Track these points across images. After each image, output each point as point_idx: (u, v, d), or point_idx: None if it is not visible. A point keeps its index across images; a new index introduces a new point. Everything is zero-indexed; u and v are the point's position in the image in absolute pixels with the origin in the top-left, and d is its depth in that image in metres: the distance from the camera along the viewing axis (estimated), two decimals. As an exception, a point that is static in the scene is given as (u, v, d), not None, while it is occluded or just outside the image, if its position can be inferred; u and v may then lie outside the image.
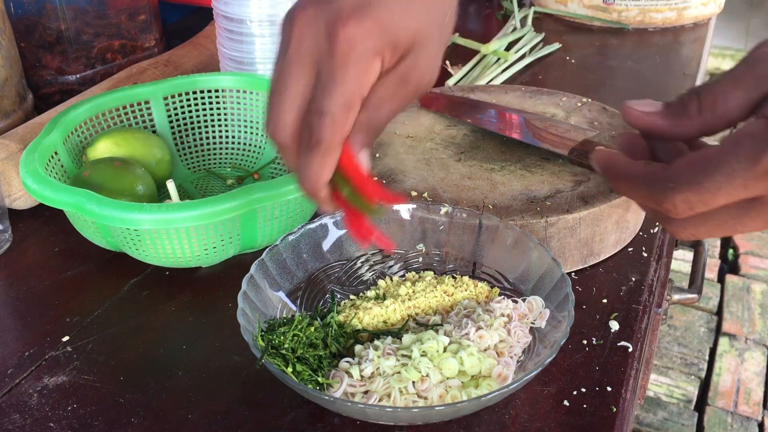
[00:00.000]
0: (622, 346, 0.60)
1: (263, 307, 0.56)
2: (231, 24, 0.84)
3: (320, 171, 0.44)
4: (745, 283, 2.18)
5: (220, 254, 0.65)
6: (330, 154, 0.44)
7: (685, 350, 1.97)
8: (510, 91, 0.88)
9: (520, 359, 0.55)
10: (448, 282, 0.61)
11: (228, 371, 0.58)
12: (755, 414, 1.78)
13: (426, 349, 0.53)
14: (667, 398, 1.84)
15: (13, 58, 0.83)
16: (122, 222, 0.59)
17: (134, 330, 0.62)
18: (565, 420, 0.53)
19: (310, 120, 0.43)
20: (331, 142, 0.43)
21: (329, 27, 0.42)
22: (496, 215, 0.64)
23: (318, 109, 0.42)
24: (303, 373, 0.51)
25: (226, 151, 0.83)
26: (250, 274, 0.56)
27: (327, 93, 0.42)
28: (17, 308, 0.65)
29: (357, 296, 0.62)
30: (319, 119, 0.42)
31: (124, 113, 0.78)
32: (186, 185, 0.80)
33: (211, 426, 0.53)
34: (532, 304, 0.57)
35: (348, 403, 0.48)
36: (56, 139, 0.70)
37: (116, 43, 0.97)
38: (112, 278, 0.68)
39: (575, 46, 1.20)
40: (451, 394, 0.51)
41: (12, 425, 0.53)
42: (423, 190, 0.69)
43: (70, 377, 0.57)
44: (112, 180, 0.68)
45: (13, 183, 0.73)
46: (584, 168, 0.71)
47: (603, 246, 0.68)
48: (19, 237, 0.74)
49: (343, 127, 0.43)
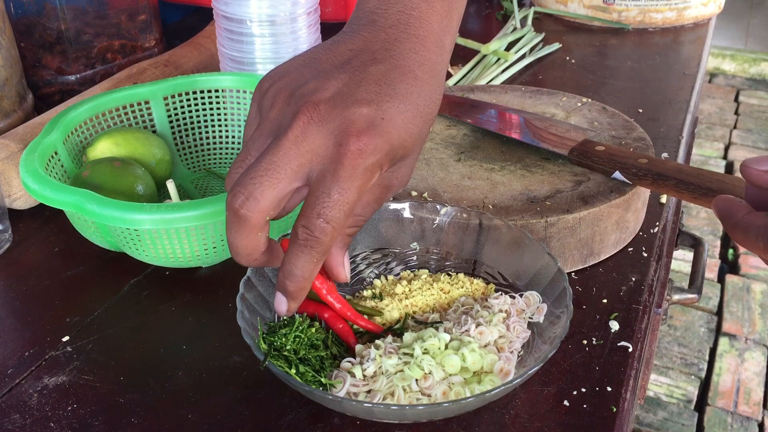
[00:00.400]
0: (622, 346, 0.60)
1: (261, 309, 0.56)
2: (231, 24, 0.84)
3: (313, 269, 0.46)
4: (745, 283, 2.18)
5: (220, 254, 0.65)
6: (323, 255, 0.45)
7: (685, 350, 1.97)
8: (510, 91, 0.88)
9: (520, 354, 0.55)
10: (444, 280, 0.61)
11: (228, 371, 0.58)
12: (755, 414, 1.78)
13: (428, 347, 0.53)
14: (667, 398, 1.84)
15: (13, 58, 0.83)
16: (122, 222, 0.59)
17: (134, 330, 0.62)
18: (565, 420, 0.53)
19: (310, 222, 0.44)
20: (328, 245, 0.45)
21: (341, 137, 0.43)
22: (496, 215, 0.64)
23: (321, 215, 0.43)
24: (306, 375, 0.51)
25: (226, 151, 0.83)
26: (247, 276, 0.56)
27: (332, 201, 0.43)
28: (17, 308, 0.65)
29: (353, 296, 0.62)
30: (324, 224, 0.43)
31: (124, 113, 0.78)
32: (186, 185, 0.80)
33: (211, 426, 0.53)
34: (530, 299, 0.58)
35: (354, 402, 0.48)
36: (56, 139, 0.70)
37: (116, 43, 0.97)
38: (112, 278, 0.68)
39: (575, 46, 1.20)
40: (455, 391, 0.51)
41: (12, 425, 0.53)
42: (423, 190, 0.69)
43: (70, 377, 0.57)
44: (113, 180, 0.68)
45: (13, 183, 0.73)
46: (584, 168, 0.71)
47: (603, 246, 0.68)
48: (19, 237, 0.74)
49: (341, 232, 0.45)
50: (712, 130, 2.93)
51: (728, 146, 2.83)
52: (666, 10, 1.25)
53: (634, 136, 0.77)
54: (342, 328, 0.56)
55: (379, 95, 0.44)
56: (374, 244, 0.64)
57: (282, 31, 0.83)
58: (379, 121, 0.43)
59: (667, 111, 0.98)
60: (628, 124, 0.80)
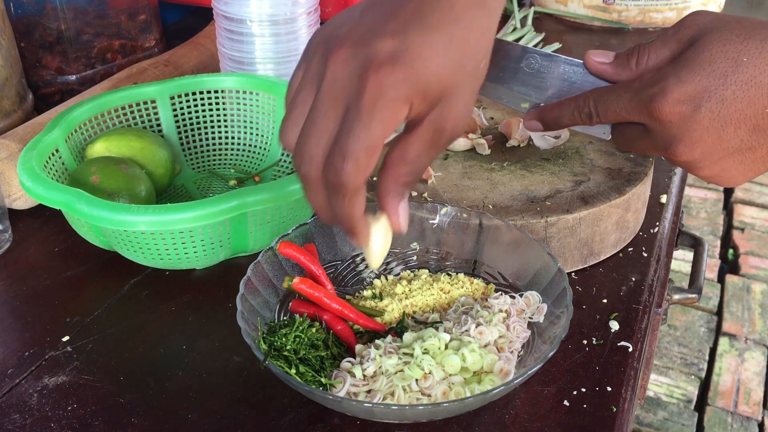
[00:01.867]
0: (622, 346, 0.60)
1: (261, 309, 0.56)
2: (231, 24, 0.84)
3: (351, 211, 0.45)
4: (745, 283, 2.18)
5: (211, 257, 0.65)
6: (355, 196, 0.44)
7: (685, 350, 1.97)
8: (510, 91, 0.88)
9: (520, 354, 0.55)
10: (444, 280, 0.61)
11: (228, 371, 0.58)
12: (755, 414, 1.78)
13: (428, 347, 0.53)
14: (667, 398, 1.84)
15: (13, 58, 0.83)
16: (110, 222, 0.59)
17: (134, 330, 0.62)
18: (565, 420, 0.53)
19: (333, 161, 0.43)
20: (355, 185, 0.44)
21: (362, 69, 0.42)
22: (496, 215, 0.64)
23: (342, 151, 0.43)
24: (306, 375, 0.51)
25: (231, 152, 0.83)
26: (247, 276, 0.56)
27: (352, 135, 0.42)
28: (17, 308, 0.65)
29: (353, 296, 0.62)
30: (343, 162, 0.43)
31: (130, 112, 0.78)
32: (188, 185, 0.80)
33: (211, 426, 0.53)
34: (530, 299, 0.58)
35: (354, 402, 0.48)
36: (57, 137, 0.70)
37: (116, 43, 0.97)
38: (112, 278, 0.68)
39: (575, 46, 1.20)
40: (455, 391, 0.51)
41: (12, 425, 0.53)
42: (423, 190, 0.69)
43: (70, 377, 0.57)
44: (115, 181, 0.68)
45: (13, 183, 0.73)
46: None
47: (603, 246, 0.68)
48: (19, 237, 0.74)
49: (365, 171, 0.44)
50: (712, 130, 2.93)
51: (728, 146, 2.83)
52: (666, 10, 1.25)
53: (634, 136, 0.77)
54: (342, 330, 0.56)
55: (405, 27, 0.43)
56: (374, 244, 0.64)
57: (282, 31, 0.83)
58: (401, 53, 0.42)
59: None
60: (628, 124, 0.80)
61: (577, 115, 0.56)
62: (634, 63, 0.53)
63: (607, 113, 0.54)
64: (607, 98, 0.54)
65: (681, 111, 0.50)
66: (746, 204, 2.50)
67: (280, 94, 0.79)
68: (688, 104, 0.50)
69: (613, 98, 0.53)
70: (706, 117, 0.50)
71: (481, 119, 0.80)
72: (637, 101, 0.52)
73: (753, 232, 2.37)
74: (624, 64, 0.54)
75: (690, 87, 0.50)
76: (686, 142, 0.51)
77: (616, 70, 0.54)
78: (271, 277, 0.58)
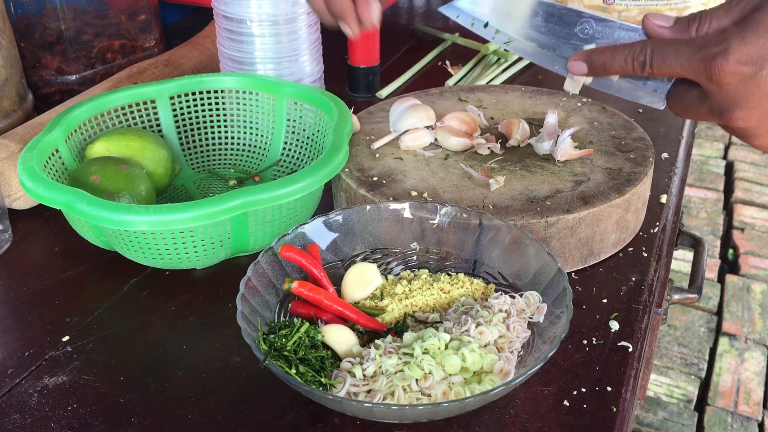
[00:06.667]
0: (622, 346, 0.60)
1: (261, 309, 0.56)
2: (231, 24, 0.84)
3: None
4: (745, 283, 2.18)
5: (211, 257, 0.65)
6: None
7: (685, 350, 1.97)
8: (510, 91, 0.88)
9: (520, 354, 0.55)
10: (444, 280, 0.61)
11: (228, 371, 0.58)
12: (755, 414, 1.78)
13: (428, 347, 0.53)
14: (667, 398, 1.84)
15: (13, 58, 0.83)
16: (111, 222, 0.59)
17: (134, 330, 0.62)
18: (565, 420, 0.53)
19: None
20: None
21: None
22: (496, 215, 0.64)
23: None
24: (306, 375, 0.51)
25: (231, 152, 0.83)
26: (247, 276, 0.56)
27: None
28: (17, 308, 0.65)
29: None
30: None
31: (129, 112, 0.78)
32: (188, 185, 0.80)
33: (211, 426, 0.53)
34: (530, 299, 0.58)
35: (354, 402, 0.48)
36: (57, 136, 0.70)
37: (116, 43, 0.97)
38: (112, 278, 0.68)
39: (575, 46, 1.19)
40: (455, 391, 0.51)
41: (12, 425, 0.53)
42: (423, 190, 0.69)
43: (70, 377, 0.57)
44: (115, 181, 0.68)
45: (13, 183, 0.73)
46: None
47: (603, 246, 0.68)
48: (19, 237, 0.74)
49: None
50: (712, 129, 2.93)
51: (728, 146, 2.83)
52: (666, 10, 1.25)
53: (634, 136, 0.77)
54: None
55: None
56: (374, 244, 0.64)
57: (282, 31, 0.83)
58: None
59: (667, 111, 0.98)
60: (628, 124, 0.80)
61: (630, 62, 0.54)
62: (694, 29, 0.52)
63: (662, 66, 0.52)
64: (666, 50, 0.52)
65: (742, 72, 0.49)
66: (746, 204, 2.50)
67: (280, 94, 0.79)
68: (750, 66, 0.49)
69: (673, 51, 0.52)
70: (767, 81, 0.49)
71: (481, 119, 0.80)
72: (698, 59, 0.50)
73: (753, 232, 2.37)
74: (684, 29, 0.53)
75: (753, 49, 0.49)
76: (744, 107, 0.50)
77: (675, 36, 0.53)
78: (271, 277, 0.58)
